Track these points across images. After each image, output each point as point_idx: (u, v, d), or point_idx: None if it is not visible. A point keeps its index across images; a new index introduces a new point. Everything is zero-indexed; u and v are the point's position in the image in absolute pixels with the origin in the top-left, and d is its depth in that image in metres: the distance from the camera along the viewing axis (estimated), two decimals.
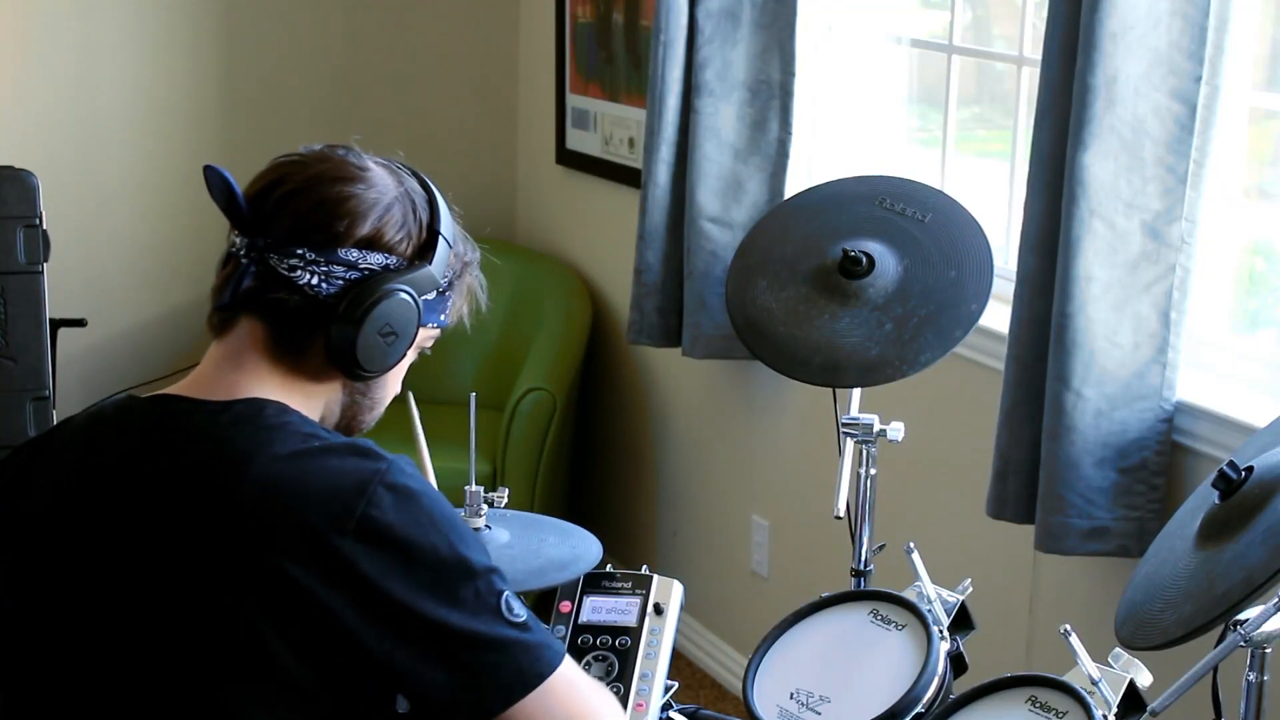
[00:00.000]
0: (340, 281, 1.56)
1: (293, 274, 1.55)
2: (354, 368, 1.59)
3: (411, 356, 1.68)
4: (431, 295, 1.63)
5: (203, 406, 1.55)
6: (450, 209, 1.68)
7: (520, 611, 1.52)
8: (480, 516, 2.12)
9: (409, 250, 1.61)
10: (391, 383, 1.69)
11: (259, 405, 1.55)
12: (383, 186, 1.60)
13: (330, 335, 1.56)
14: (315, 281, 1.55)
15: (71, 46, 4.23)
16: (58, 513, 1.56)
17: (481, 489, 2.13)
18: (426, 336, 1.69)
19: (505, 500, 2.17)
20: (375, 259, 1.58)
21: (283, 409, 1.55)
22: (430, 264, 1.61)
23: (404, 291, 1.58)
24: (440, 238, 1.63)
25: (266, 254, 1.55)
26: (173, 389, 1.60)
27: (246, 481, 1.48)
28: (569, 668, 1.55)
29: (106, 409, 1.62)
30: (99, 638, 1.53)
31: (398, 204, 1.60)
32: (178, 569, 1.49)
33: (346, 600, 1.45)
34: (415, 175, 1.66)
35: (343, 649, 1.46)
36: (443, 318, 1.68)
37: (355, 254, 1.56)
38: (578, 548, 2.10)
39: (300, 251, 1.55)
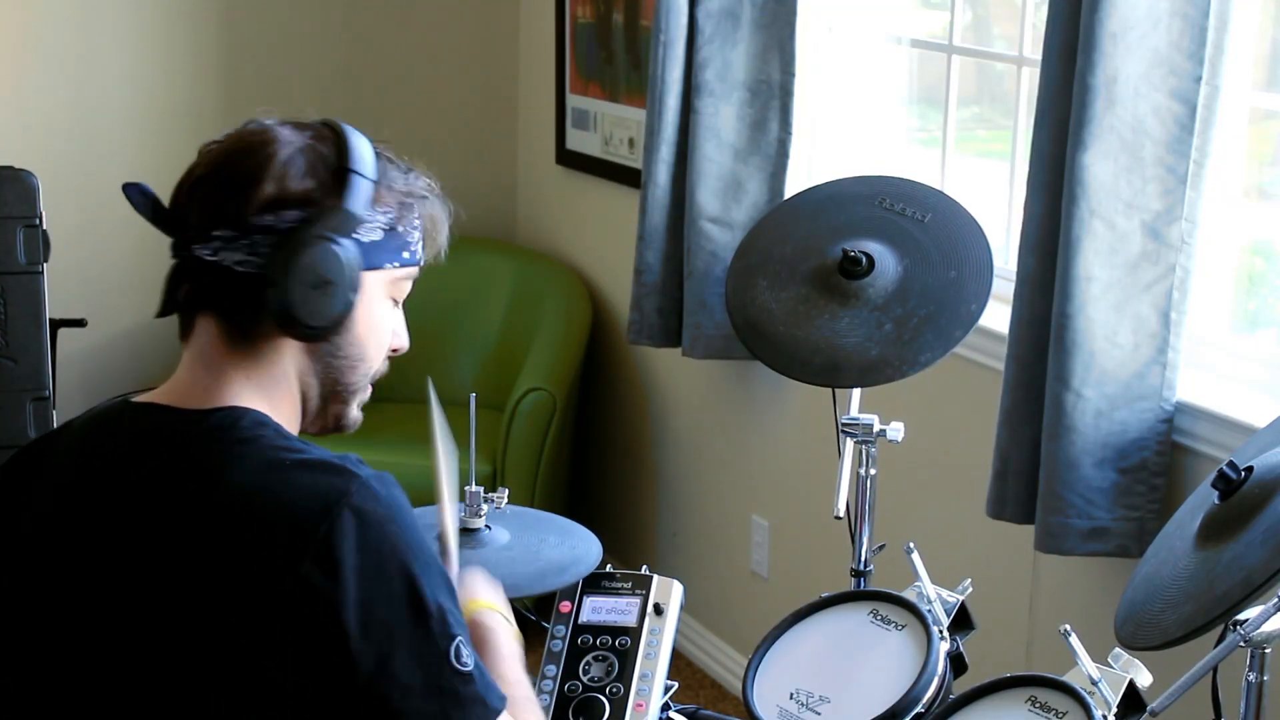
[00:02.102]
0: (265, 250, 1.51)
1: (217, 257, 1.51)
2: (301, 327, 1.53)
3: (382, 303, 1.62)
4: (377, 235, 1.57)
5: (181, 416, 1.53)
6: (374, 144, 1.60)
7: (468, 660, 1.47)
8: (480, 516, 2.12)
9: (323, 195, 1.54)
10: (366, 336, 1.61)
11: (235, 416, 1.52)
12: (283, 142, 1.54)
13: (269, 302, 1.51)
14: (240, 257, 1.51)
15: (71, 46, 4.23)
16: (54, 520, 1.56)
17: (481, 489, 2.13)
18: (391, 280, 1.62)
19: (505, 500, 2.16)
20: (291, 215, 1.52)
21: (259, 420, 1.53)
22: (346, 203, 1.53)
23: (323, 237, 1.51)
24: (351, 174, 1.54)
25: (190, 248, 1.52)
26: (160, 395, 1.58)
27: (217, 495, 1.46)
28: None
29: (101, 413, 1.61)
30: (81, 650, 1.52)
31: (299, 155, 1.54)
32: (153, 579, 1.48)
33: (299, 624, 1.42)
34: (325, 122, 1.60)
35: (294, 673, 1.43)
36: (407, 255, 1.61)
37: (269, 218, 1.51)
38: (577, 548, 2.10)
39: (217, 234, 1.51)
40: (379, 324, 1.62)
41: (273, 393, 1.57)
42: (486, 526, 2.12)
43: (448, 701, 1.45)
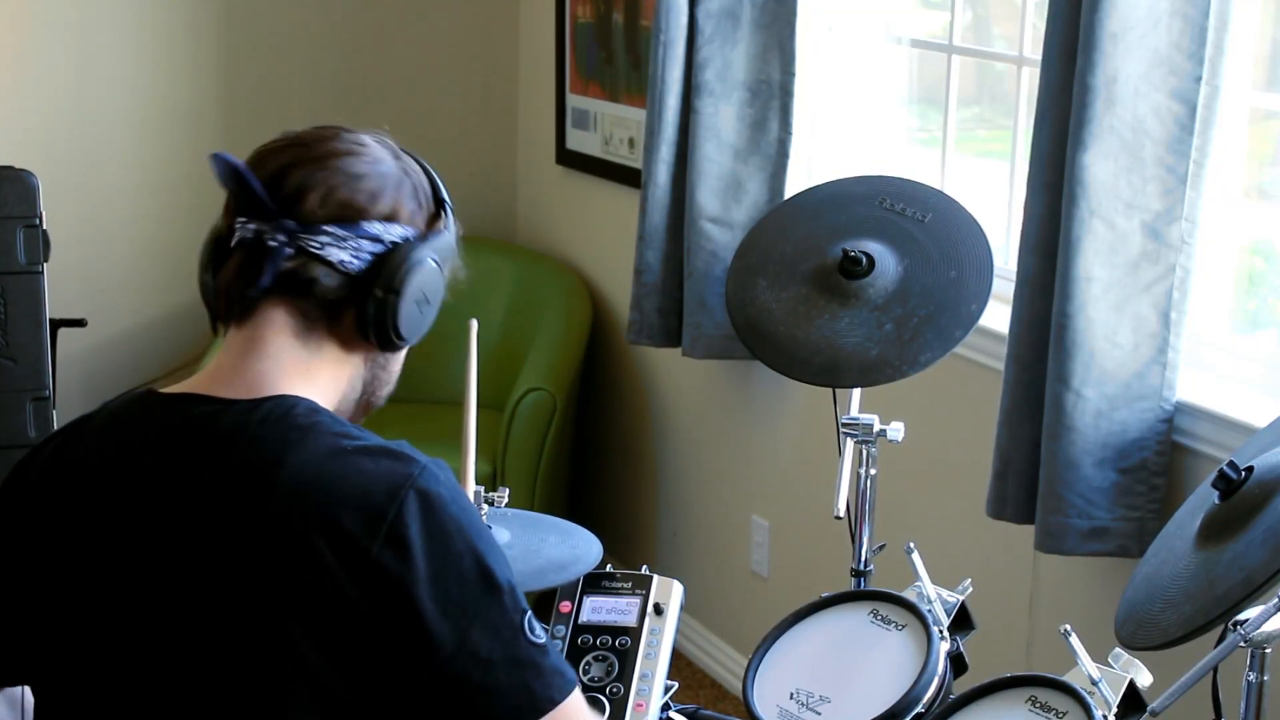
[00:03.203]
0: (369, 256, 1.57)
1: (323, 251, 1.55)
2: (394, 338, 1.60)
3: None
4: (445, 263, 1.66)
5: (232, 406, 1.54)
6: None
7: (540, 634, 1.51)
8: (481, 516, 2.12)
9: (421, 221, 1.63)
10: (402, 356, 1.70)
11: (288, 404, 1.54)
12: (388, 162, 1.62)
13: (369, 308, 1.57)
14: (346, 258, 1.56)
15: (71, 46, 4.23)
16: (109, 518, 1.55)
17: (482, 489, 2.13)
18: None
19: (505, 500, 2.17)
20: (396, 231, 1.59)
21: (312, 408, 1.55)
22: (444, 230, 1.65)
23: (433, 259, 1.61)
24: (446, 205, 1.66)
25: (298, 235, 1.55)
26: (196, 385, 1.59)
27: (280, 484, 1.47)
28: (578, 698, 1.53)
29: (130, 409, 1.61)
30: (135, 646, 1.52)
31: (406, 178, 1.62)
32: (216, 575, 1.48)
33: (375, 606, 1.44)
34: (404, 150, 1.68)
35: (371, 655, 1.46)
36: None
37: (379, 227, 1.58)
38: (578, 548, 2.10)
39: (329, 229, 1.56)
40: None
41: (324, 389, 1.60)
42: (487, 526, 2.12)
43: (529, 673, 1.49)
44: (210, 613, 1.48)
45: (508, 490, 2.19)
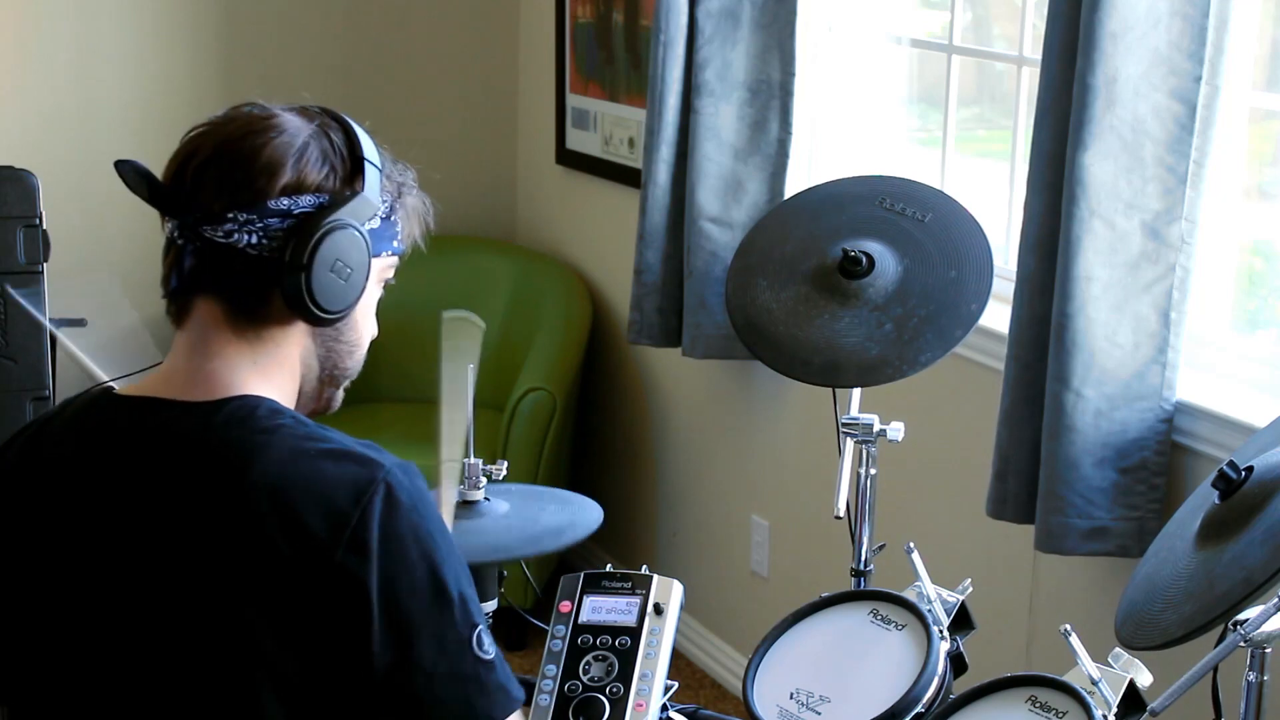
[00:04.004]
0: (279, 234, 1.52)
1: (230, 239, 1.52)
2: (317, 311, 1.55)
3: (375, 291, 1.65)
4: (376, 223, 1.59)
5: (192, 410, 1.53)
6: (371, 137, 1.63)
7: (489, 649, 1.49)
8: (479, 489, 2.12)
9: (337, 184, 1.56)
10: (362, 322, 1.64)
11: (250, 405, 1.52)
12: (294, 129, 1.56)
13: (284, 286, 1.53)
14: (254, 240, 1.52)
15: (71, 46, 4.23)
16: (67, 525, 1.54)
17: (480, 461, 2.13)
18: (384, 268, 1.64)
19: (504, 474, 2.16)
20: (306, 200, 1.54)
21: (274, 409, 1.53)
22: (363, 190, 1.57)
23: (345, 224, 1.55)
24: (365, 163, 1.58)
25: (199, 228, 1.53)
26: (152, 388, 1.58)
27: (244, 488, 1.46)
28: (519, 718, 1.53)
29: (91, 414, 1.59)
30: (102, 645, 1.52)
31: (313, 141, 1.56)
32: (181, 579, 1.48)
33: (333, 609, 1.44)
34: (326, 111, 1.63)
35: (325, 656, 1.45)
36: (396, 244, 1.64)
37: (285, 202, 1.53)
38: (576, 514, 2.11)
39: (230, 215, 1.52)
40: (371, 310, 1.65)
41: (275, 377, 1.57)
42: (486, 498, 2.13)
43: (470, 688, 1.47)
44: (176, 617, 1.48)
45: (505, 463, 2.19)
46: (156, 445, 1.52)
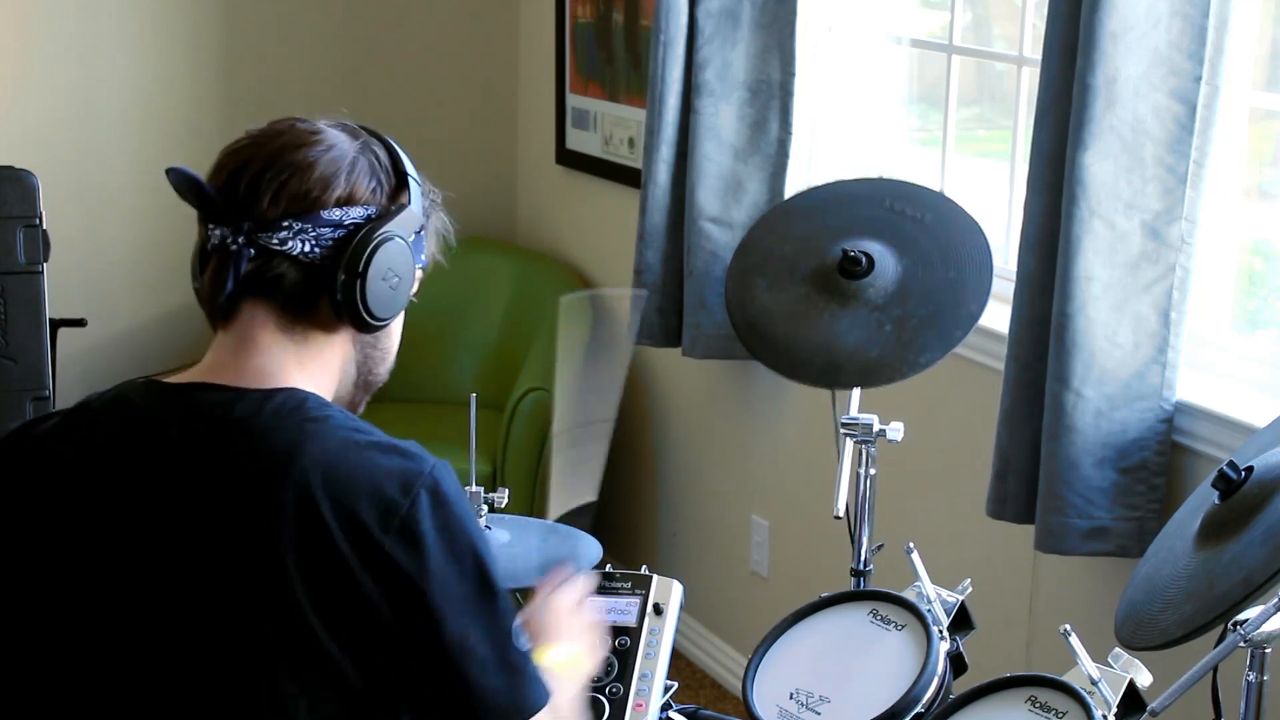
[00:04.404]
0: (330, 242, 1.59)
1: (285, 247, 1.57)
2: (367, 318, 1.61)
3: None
4: (413, 236, 1.66)
5: (244, 395, 1.57)
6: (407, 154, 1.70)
7: (525, 642, 1.55)
8: (480, 517, 2.12)
9: (383, 198, 1.64)
10: (395, 331, 1.71)
11: (300, 397, 1.57)
12: (342, 144, 1.62)
13: (337, 293, 1.59)
14: (308, 248, 1.58)
15: (71, 46, 4.23)
16: (103, 504, 1.56)
17: (482, 489, 2.14)
18: (417, 279, 1.70)
19: (506, 501, 2.17)
20: (356, 213, 1.60)
21: (322, 402, 1.58)
22: (409, 204, 1.65)
23: (395, 235, 1.62)
24: (409, 178, 1.66)
25: (256, 235, 1.57)
26: (198, 375, 1.61)
27: (296, 473, 1.49)
28: (549, 714, 1.56)
29: (135, 395, 1.62)
30: (145, 627, 1.53)
31: (361, 156, 1.63)
32: (227, 559, 1.50)
33: (384, 595, 1.48)
34: (366, 128, 1.69)
35: (377, 642, 1.49)
36: (423, 258, 1.70)
37: (338, 213, 1.59)
38: (578, 548, 2.11)
39: (286, 223, 1.57)
40: (402, 320, 1.71)
41: (319, 377, 1.63)
42: (487, 527, 2.13)
43: (517, 678, 1.53)
44: (225, 595, 1.50)
45: (507, 490, 2.20)
46: (208, 424, 1.56)
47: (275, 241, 1.57)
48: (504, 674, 1.51)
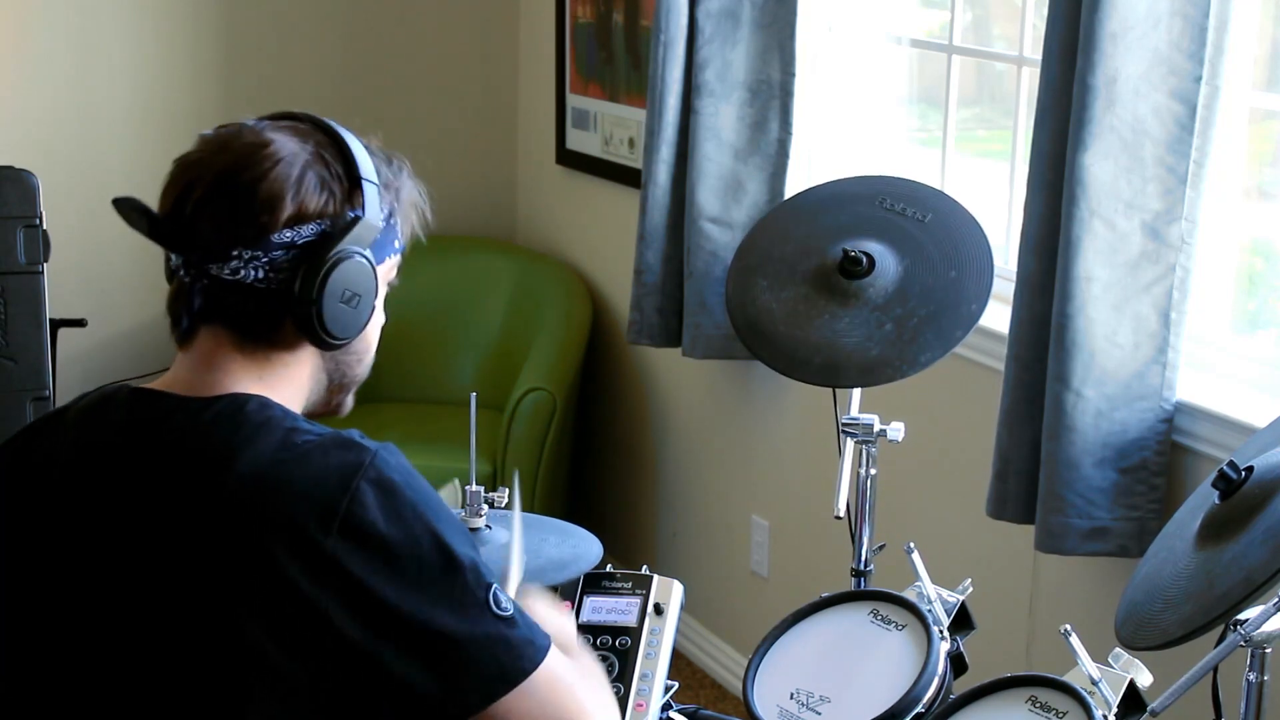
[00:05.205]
0: (285, 265, 1.54)
1: (237, 276, 1.53)
2: (330, 340, 1.57)
3: (382, 293, 1.65)
4: (378, 233, 1.60)
5: (186, 404, 1.55)
6: (360, 139, 1.62)
7: (507, 605, 1.51)
8: (480, 516, 2.12)
9: (336, 207, 1.57)
10: (369, 333, 1.66)
11: (240, 401, 1.54)
12: (289, 154, 1.55)
13: (296, 318, 1.55)
14: (260, 274, 1.53)
15: (71, 46, 4.23)
16: (52, 510, 1.56)
17: (482, 489, 2.13)
18: (387, 270, 1.65)
19: (505, 500, 2.17)
20: (309, 229, 1.54)
21: (264, 404, 1.54)
22: (364, 213, 1.57)
23: (350, 253, 1.56)
24: (363, 182, 1.58)
25: (205, 266, 1.54)
26: (158, 385, 1.60)
27: (231, 479, 1.47)
28: (554, 662, 1.53)
29: (98, 401, 1.62)
30: (91, 637, 1.52)
31: (310, 168, 1.56)
32: (167, 570, 1.48)
33: (334, 599, 1.44)
34: (318, 124, 1.62)
35: (332, 647, 1.46)
36: (397, 244, 1.65)
37: (288, 234, 1.53)
38: (578, 548, 2.10)
39: (235, 252, 1.53)
40: (379, 315, 1.66)
41: (283, 390, 1.59)
42: (487, 526, 2.12)
43: (499, 648, 1.49)
44: (166, 610, 1.48)
45: (507, 490, 2.19)
46: (148, 438, 1.54)
47: (227, 272, 1.53)
48: (482, 646, 1.48)
